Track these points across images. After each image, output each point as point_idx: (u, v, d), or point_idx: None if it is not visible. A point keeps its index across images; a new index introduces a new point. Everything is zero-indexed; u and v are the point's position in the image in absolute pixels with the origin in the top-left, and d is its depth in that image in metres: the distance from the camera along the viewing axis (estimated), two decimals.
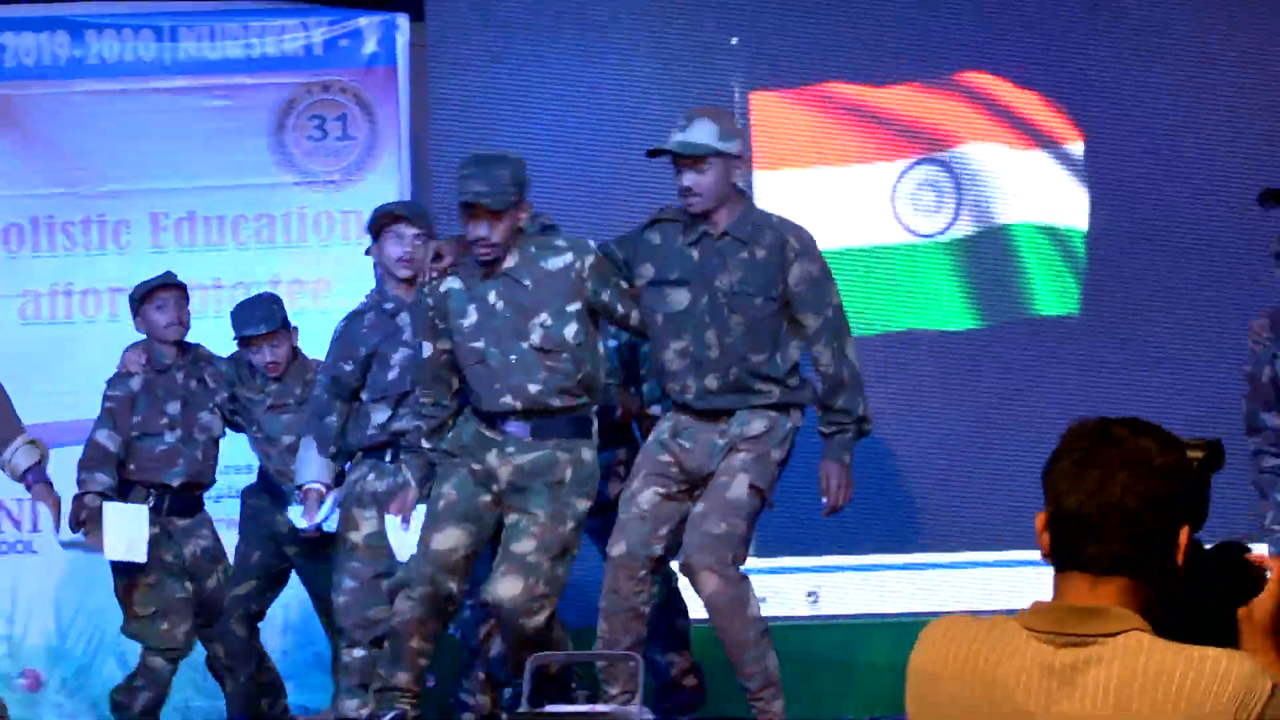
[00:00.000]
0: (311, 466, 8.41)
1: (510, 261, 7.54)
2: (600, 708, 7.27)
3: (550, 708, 7.30)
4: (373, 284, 9.38)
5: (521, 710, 7.08)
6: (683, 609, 8.47)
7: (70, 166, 10.47)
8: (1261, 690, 2.92)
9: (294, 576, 9.13)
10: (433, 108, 10.57)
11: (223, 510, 9.40)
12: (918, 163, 10.26)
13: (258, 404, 9.02)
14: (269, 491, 9.08)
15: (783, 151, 10.33)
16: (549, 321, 7.50)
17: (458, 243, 7.74)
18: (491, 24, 10.52)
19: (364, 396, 8.45)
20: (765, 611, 7.89)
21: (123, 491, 8.87)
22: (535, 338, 7.49)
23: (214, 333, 9.24)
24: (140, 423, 8.98)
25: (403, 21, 10.58)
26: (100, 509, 8.73)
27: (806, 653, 9.42)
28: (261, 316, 9.00)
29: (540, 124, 10.44)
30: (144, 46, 10.50)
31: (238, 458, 9.55)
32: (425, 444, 7.68)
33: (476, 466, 7.54)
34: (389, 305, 8.51)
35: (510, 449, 7.50)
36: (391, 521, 7.90)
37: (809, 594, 10.04)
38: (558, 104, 10.47)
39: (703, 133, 7.49)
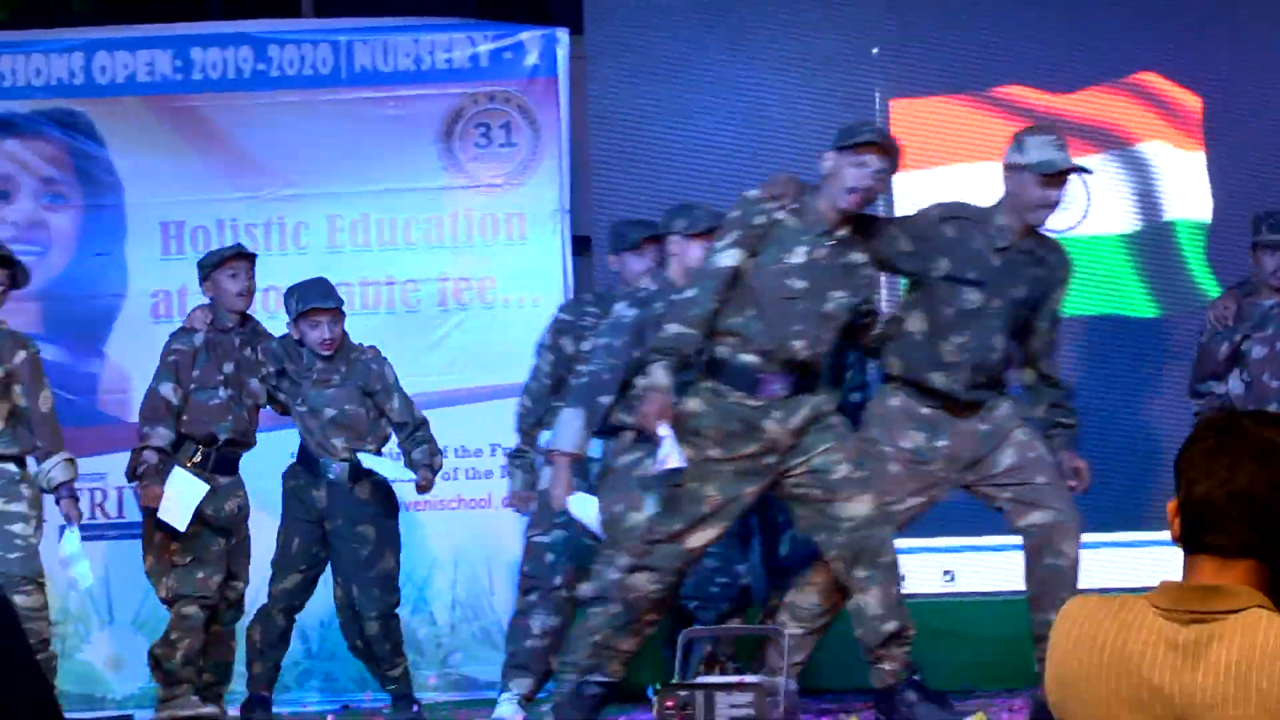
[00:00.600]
0: (571, 435, 7.92)
1: (842, 231, 7.44)
2: (748, 678, 7.26)
3: (701, 679, 7.32)
4: (532, 285, 9.54)
5: (674, 681, 7.09)
6: None
7: (253, 172, 10.55)
8: None
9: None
10: (590, 115, 10.63)
11: None
12: None
13: (305, 378, 9.06)
14: (308, 469, 9.11)
15: (920, 154, 10.34)
16: (843, 300, 7.44)
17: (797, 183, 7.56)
18: (646, 37, 10.57)
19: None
20: (905, 590, 7.89)
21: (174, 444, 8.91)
22: (830, 306, 7.42)
23: (384, 329, 9.32)
24: (199, 377, 8.98)
25: (563, 35, 10.62)
26: (159, 465, 8.77)
27: (943, 628, 9.44)
28: (327, 292, 9.11)
29: (691, 130, 10.49)
30: (322, 60, 10.58)
31: None
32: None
33: (747, 450, 7.40)
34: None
35: (779, 413, 7.37)
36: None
37: (945, 573, 10.05)
38: (708, 111, 10.52)
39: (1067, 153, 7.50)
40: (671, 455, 7.01)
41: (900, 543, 7.69)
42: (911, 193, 10.17)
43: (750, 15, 10.59)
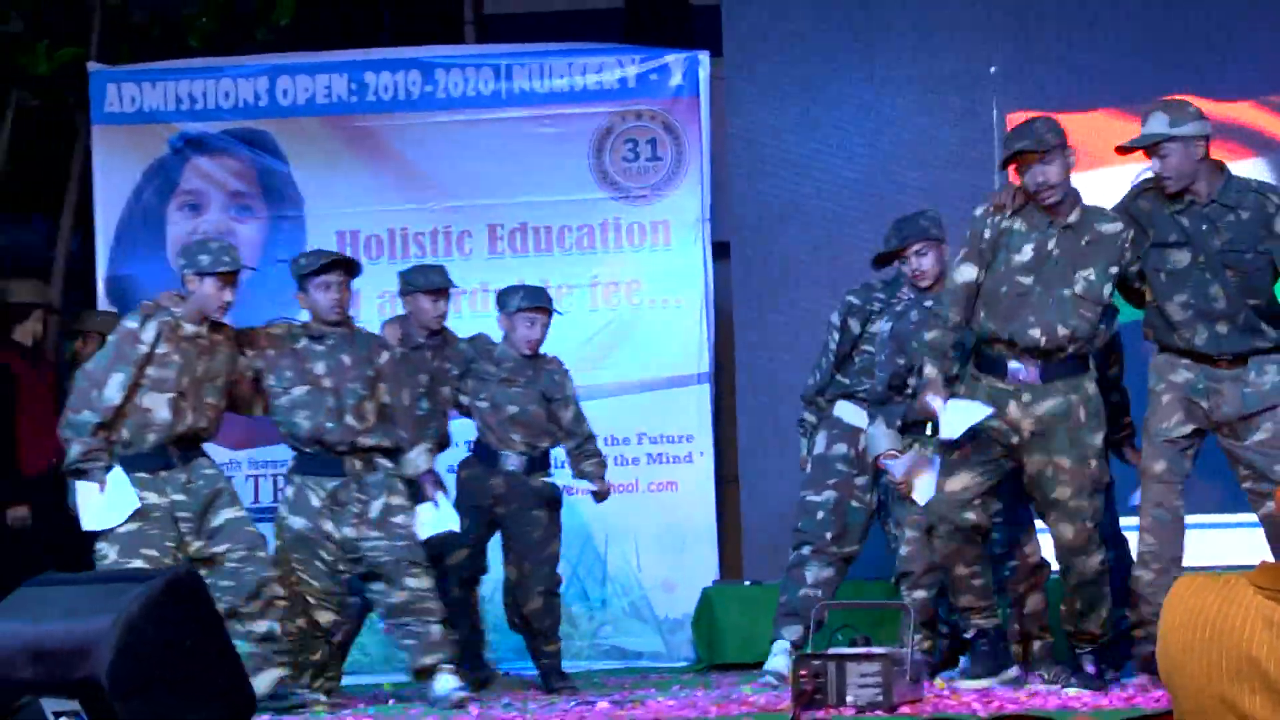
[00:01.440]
0: (883, 440, 8.09)
1: (1072, 216, 7.45)
2: (876, 649, 7.25)
3: (833, 649, 7.32)
4: (675, 287, 9.58)
5: (808, 651, 7.10)
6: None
7: (421, 186, 10.66)
8: None
9: None
10: (729, 131, 10.69)
11: None
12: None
13: (492, 377, 9.06)
14: (482, 461, 9.10)
15: None
16: (1093, 276, 7.43)
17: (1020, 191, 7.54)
18: (780, 58, 10.61)
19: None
20: None
21: None
22: (1079, 288, 7.42)
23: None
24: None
25: (704, 58, 10.68)
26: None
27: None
28: (548, 296, 9.13)
29: (821, 143, 10.53)
30: (484, 83, 10.67)
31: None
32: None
33: (994, 425, 7.40)
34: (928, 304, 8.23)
35: (1026, 396, 7.41)
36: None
37: None
38: (837, 126, 10.54)
39: (1156, 123, 7.39)
40: None
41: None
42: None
43: (877, 37, 10.61)
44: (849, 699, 6.76)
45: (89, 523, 7.96)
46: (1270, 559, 7.17)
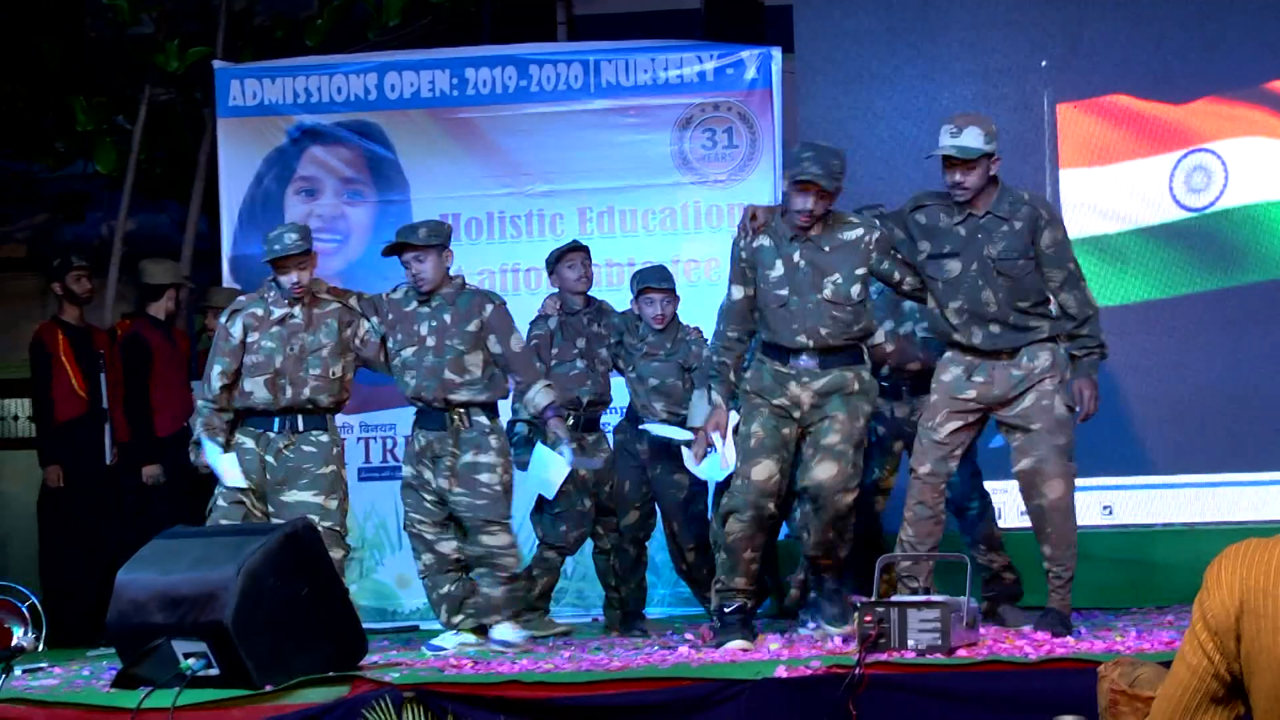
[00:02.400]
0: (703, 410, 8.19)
1: (815, 230, 7.63)
2: (936, 597, 7.24)
3: (895, 597, 7.33)
4: None
5: (870, 599, 7.10)
6: (995, 518, 8.54)
7: (517, 173, 10.68)
8: None
9: None
10: (800, 120, 10.70)
11: None
12: (1192, 152, 10.18)
13: (637, 350, 9.15)
14: (633, 424, 9.21)
15: (1082, 152, 10.29)
16: (839, 280, 7.59)
17: (769, 210, 7.85)
18: (847, 54, 10.61)
19: None
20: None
21: None
22: (828, 292, 7.59)
23: (626, 303, 9.33)
24: (557, 354, 9.15)
25: (776, 54, 10.66)
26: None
27: (1103, 556, 9.42)
28: (664, 276, 9.21)
29: (885, 132, 10.52)
30: (574, 77, 10.67)
31: None
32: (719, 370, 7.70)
33: (778, 403, 7.63)
34: None
35: (806, 379, 7.59)
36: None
37: (1104, 508, 10.01)
38: (901, 116, 10.54)
39: (973, 138, 7.53)
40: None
41: None
42: (1077, 187, 10.17)
43: (937, 33, 10.60)
44: (910, 643, 6.77)
45: (229, 481, 8.29)
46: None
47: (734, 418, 7.83)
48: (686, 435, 8.81)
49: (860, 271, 7.63)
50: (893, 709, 6.30)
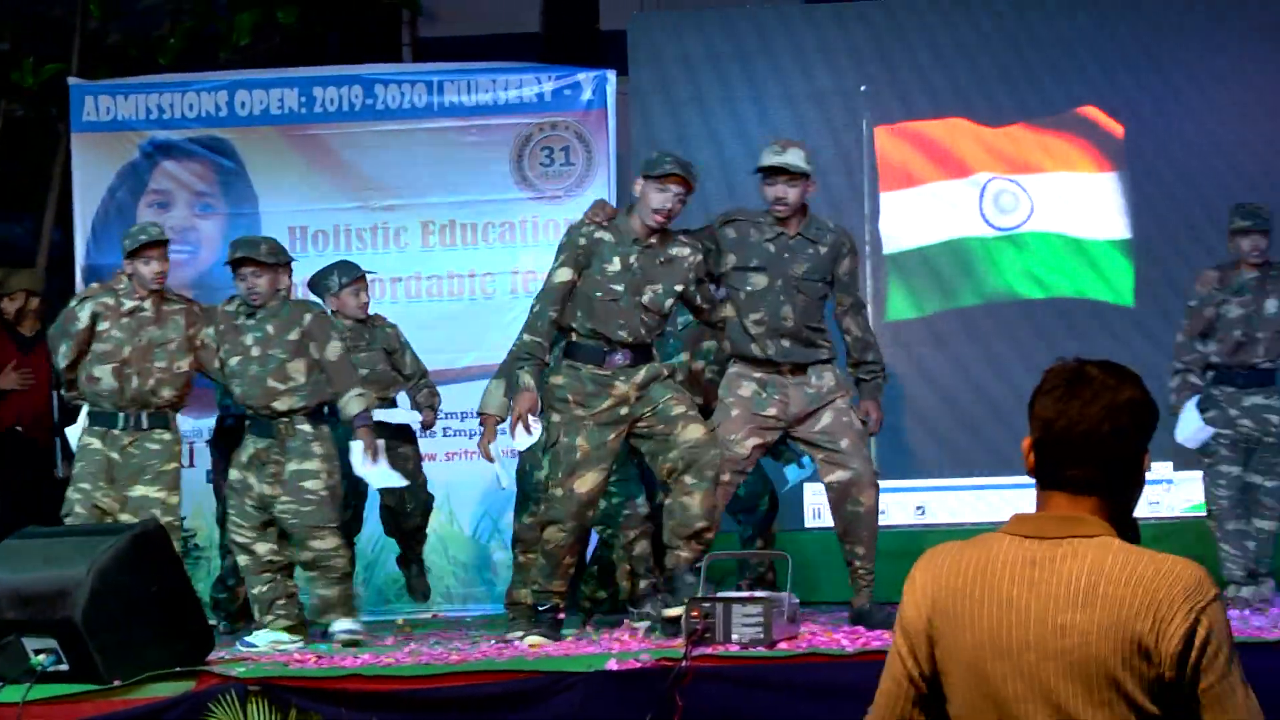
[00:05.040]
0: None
1: (655, 238, 7.59)
2: (759, 594, 7.28)
3: (720, 594, 7.35)
4: None
5: (699, 596, 7.12)
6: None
7: (362, 187, 10.60)
8: (1208, 592, 2.83)
9: None
10: (634, 140, 10.71)
11: None
12: (996, 178, 10.30)
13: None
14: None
15: (900, 173, 10.39)
16: (660, 291, 7.57)
17: (609, 207, 7.86)
18: (679, 77, 10.66)
19: None
20: (884, 522, 8.00)
21: None
22: (646, 298, 7.55)
23: (466, 312, 9.38)
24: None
25: (611, 76, 10.66)
26: None
27: (916, 553, 9.48)
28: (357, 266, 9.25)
29: (716, 152, 10.56)
30: (418, 96, 10.61)
31: None
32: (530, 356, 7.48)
33: (604, 407, 7.49)
34: None
35: (623, 376, 7.47)
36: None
37: (918, 508, 10.10)
38: (731, 137, 10.58)
39: (797, 157, 7.58)
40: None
41: (880, 483, 7.77)
42: (894, 207, 10.27)
43: (763, 59, 10.67)
44: (734, 637, 6.79)
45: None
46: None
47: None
48: (414, 417, 8.86)
49: (678, 288, 7.62)
50: (717, 699, 6.33)
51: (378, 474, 8.35)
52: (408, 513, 9.12)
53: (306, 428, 8.22)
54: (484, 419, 8.46)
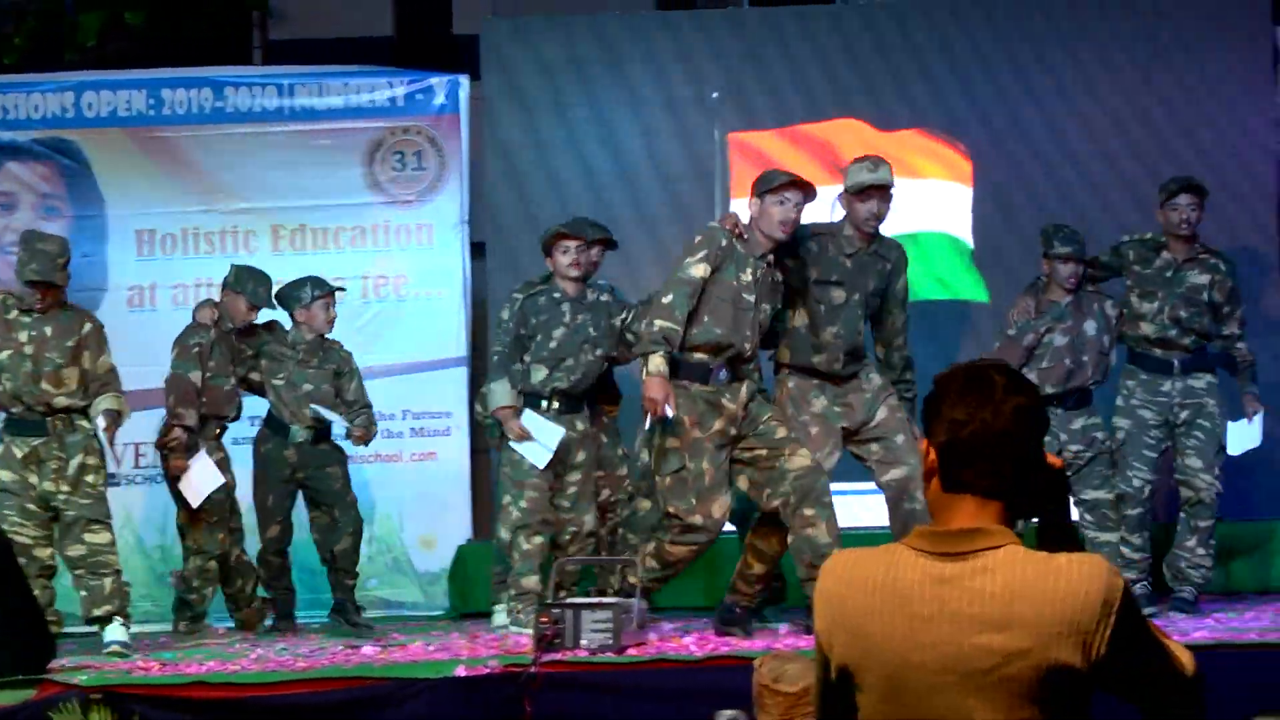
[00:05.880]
0: (503, 397, 8.34)
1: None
2: (608, 599, 7.28)
3: (571, 599, 7.34)
4: (438, 282, 9.57)
5: (549, 601, 7.11)
6: None
7: (211, 190, 10.50)
8: (1118, 587, 2.82)
9: None
10: (486, 145, 10.66)
11: None
12: None
13: (290, 358, 9.05)
14: (276, 432, 9.06)
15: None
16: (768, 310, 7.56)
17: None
18: (532, 83, 10.61)
19: (526, 358, 8.43)
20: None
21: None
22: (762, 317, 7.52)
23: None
24: (214, 367, 8.93)
25: (464, 80, 10.66)
26: (186, 442, 8.82)
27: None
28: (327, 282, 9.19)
29: (569, 157, 10.55)
30: (269, 100, 10.54)
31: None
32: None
33: (715, 427, 7.39)
34: (557, 294, 8.45)
35: (729, 394, 7.43)
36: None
37: None
38: (583, 143, 10.56)
39: (887, 173, 7.60)
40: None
41: None
42: (746, 215, 10.27)
43: (617, 65, 10.65)
44: (583, 642, 6.79)
45: None
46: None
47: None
48: (343, 424, 8.76)
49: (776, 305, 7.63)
50: (566, 705, 6.32)
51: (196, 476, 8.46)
52: (336, 530, 9.02)
53: (86, 423, 8.17)
54: (499, 414, 8.34)
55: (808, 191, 7.44)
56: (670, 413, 7.24)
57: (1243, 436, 8.64)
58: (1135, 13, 10.46)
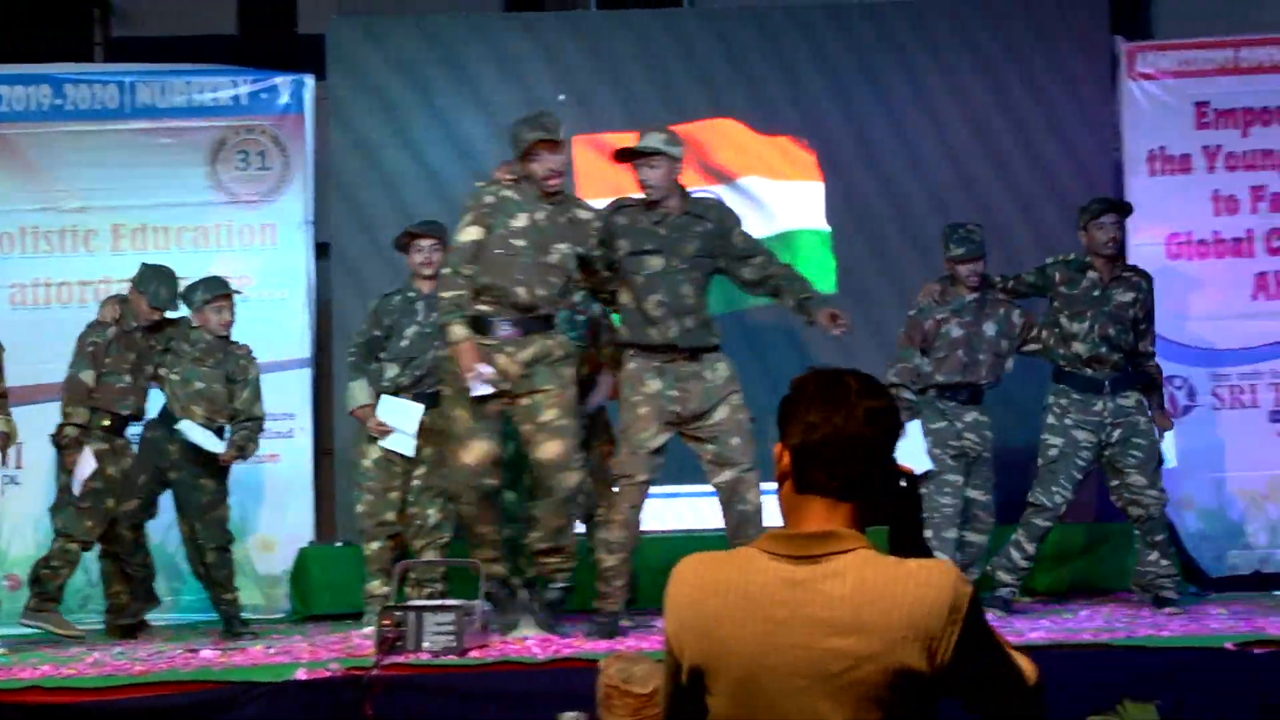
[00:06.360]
0: (360, 395, 8.45)
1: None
2: (450, 601, 7.24)
3: (412, 602, 7.31)
4: (282, 282, 9.50)
5: (391, 604, 7.07)
6: None
7: (51, 189, 10.40)
8: (965, 594, 2.86)
9: None
10: (332, 145, 10.62)
11: None
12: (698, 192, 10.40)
13: (187, 355, 8.97)
14: (165, 423, 8.98)
15: (598, 183, 10.41)
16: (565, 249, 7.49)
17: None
18: (379, 83, 10.59)
19: (382, 356, 8.54)
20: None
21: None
22: (553, 258, 7.47)
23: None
24: (110, 363, 8.91)
25: (309, 80, 10.64)
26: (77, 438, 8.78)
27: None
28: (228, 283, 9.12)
29: (415, 158, 10.54)
30: (110, 97, 10.46)
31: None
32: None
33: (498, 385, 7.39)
34: (411, 294, 8.54)
35: (510, 349, 7.40)
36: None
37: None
38: (431, 144, 10.55)
39: (654, 139, 7.58)
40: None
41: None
42: None
43: (463, 66, 10.64)
44: (426, 645, 6.76)
45: None
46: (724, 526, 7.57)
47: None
48: (218, 446, 8.69)
49: (580, 250, 7.54)
50: (407, 708, 6.28)
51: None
52: (195, 543, 8.93)
53: None
54: (358, 414, 8.41)
55: (556, 150, 7.45)
56: (488, 370, 7.25)
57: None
58: (978, 23, 10.61)
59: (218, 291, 8.97)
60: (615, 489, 7.59)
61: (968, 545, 8.56)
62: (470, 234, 7.40)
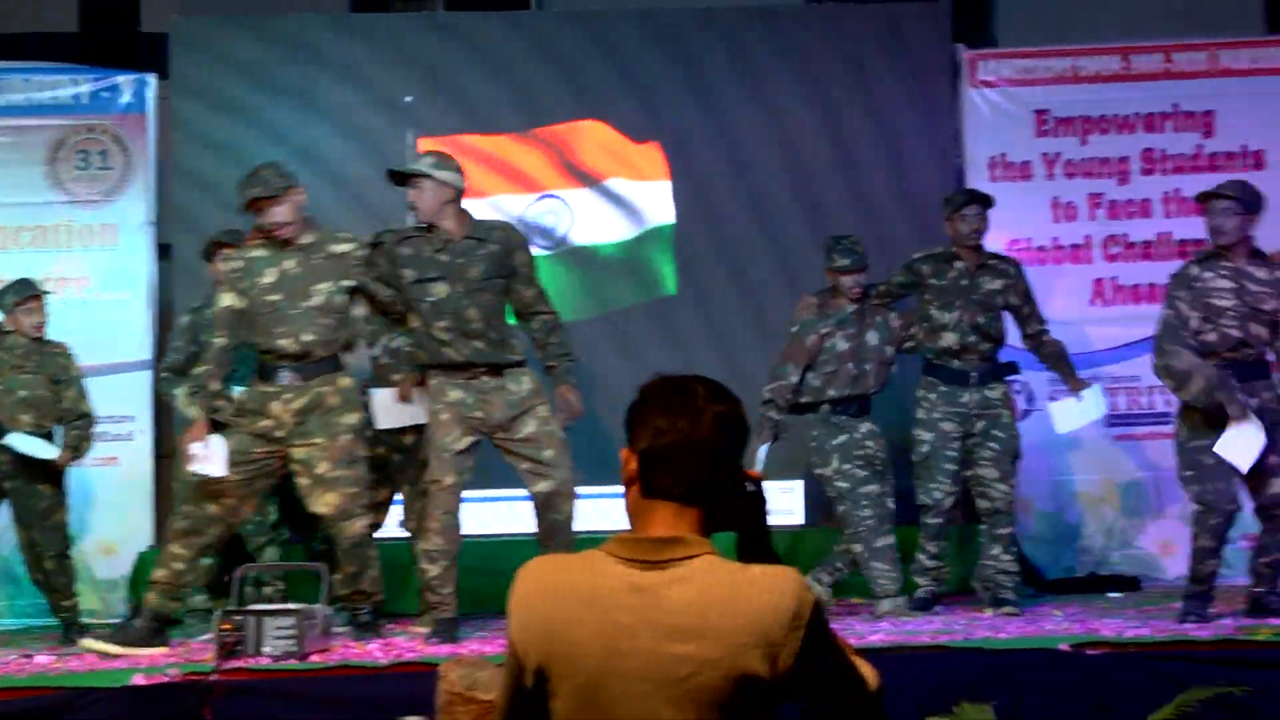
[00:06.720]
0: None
1: (305, 239, 7.61)
2: (291, 605, 7.22)
3: (254, 606, 7.27)
4: (123, 284, 9.41)
5: (230, 608, 7.03)
6: None
7: None
8: (808, 601, 2.88)
9: None
10: (174, 145, 10.52)
11: None
12: (543, 196, 10.42)
13: (5, 362, 8.87)
14: None
15: None
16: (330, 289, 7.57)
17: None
18: (222, 84, 10.52)
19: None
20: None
21: None
22: (316, 301, 7.53)
23: None
24: None
25: (151, 79, 10.53)
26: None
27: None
28: (36, 284, 9.03)
29: (258, 160, 10.34)
30: None
31: None
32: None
33: (261, 424, 7.51)
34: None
35: (288, 396, 7.50)
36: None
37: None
38: (274, 145, 10.42)
39: (421, 162, 7.61)
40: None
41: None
42: None
43: (309, 67, 10.63)
44: (266, 649, 6.73)
45: None
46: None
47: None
48: (51, 452, 8.58)
49: (345, 283, 7.62)
50: (247, 713, 6.23)
51: None
52: (34, 550, 8.80)
53: None
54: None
55: (277, 202, 7.53)
56: (200, 450, 7.38)
57: (1070, 415, 8.86)
58: (823, 30, 10.70)
59: (26, 293, 8.89)
60: (426, 496, 7.61)
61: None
62: (224, 301, 7.57)
